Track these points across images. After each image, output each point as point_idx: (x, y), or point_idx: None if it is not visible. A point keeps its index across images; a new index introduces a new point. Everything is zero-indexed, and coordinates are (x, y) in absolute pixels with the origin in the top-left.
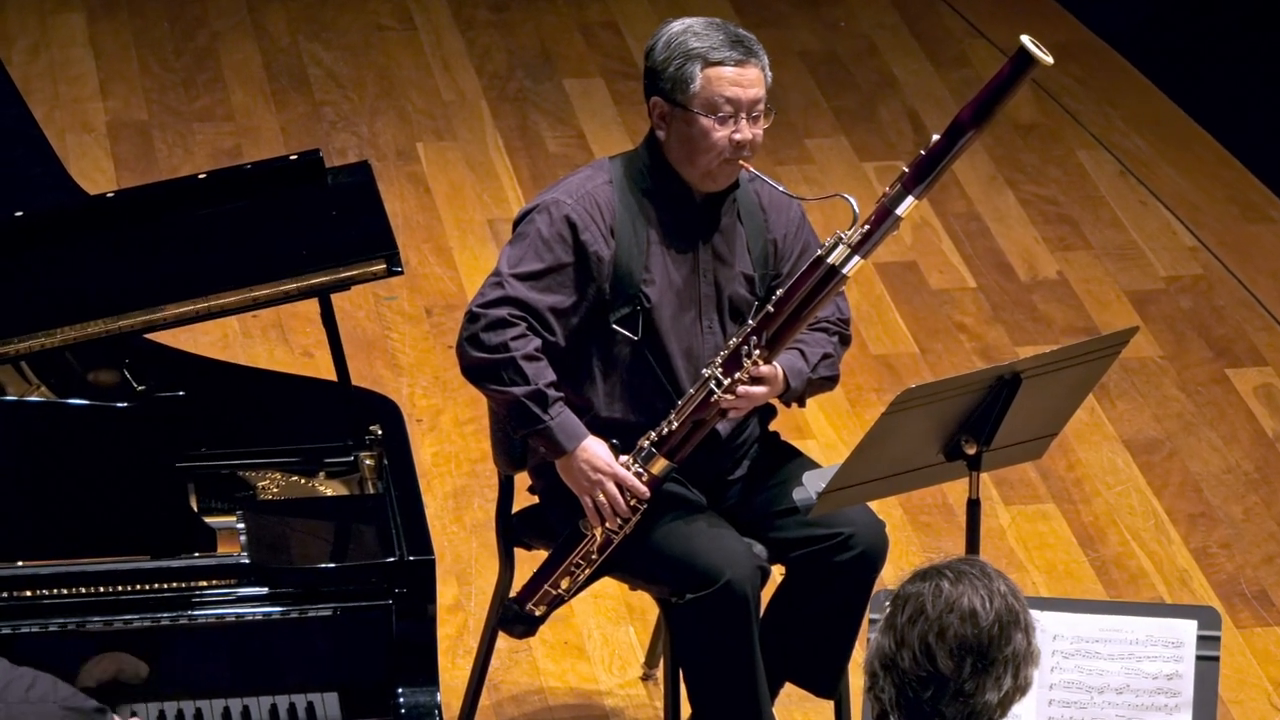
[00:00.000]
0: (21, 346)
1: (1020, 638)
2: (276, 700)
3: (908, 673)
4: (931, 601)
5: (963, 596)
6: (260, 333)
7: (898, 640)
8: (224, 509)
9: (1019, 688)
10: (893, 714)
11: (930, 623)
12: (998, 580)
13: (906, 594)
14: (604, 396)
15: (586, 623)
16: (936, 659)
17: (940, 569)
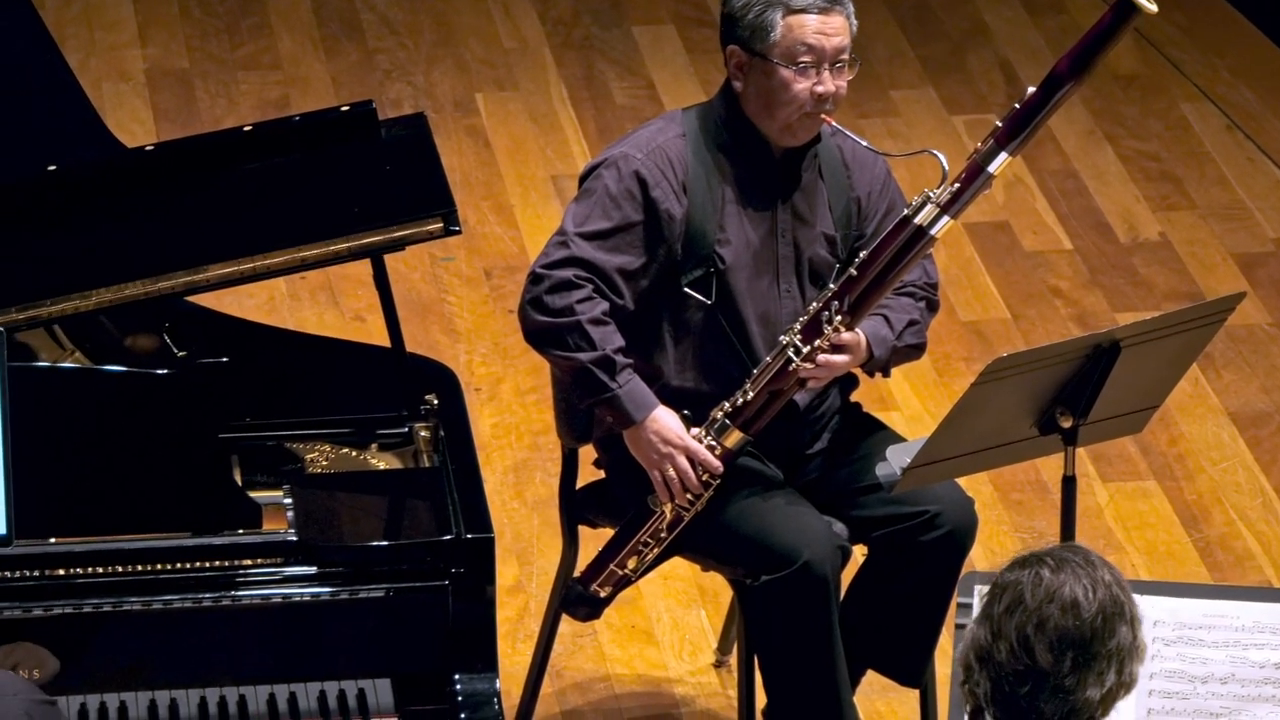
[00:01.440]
0: (54, 309)
1: (1125, 631)
2: (325, 687)
3: (1004, 666)
4: (1030, 591)
5: (1064, 586)
6: (309, 295)
7: (994, 631)
8: (270, 483)
9: (1123, 684)
10: (988, 710)
11: (1029, 614)
12: (1102, 569)
13: (1005, 582)
14: (675, 364)
15: (655, 606)
16: (1035, 652)
17: (1040, 556)
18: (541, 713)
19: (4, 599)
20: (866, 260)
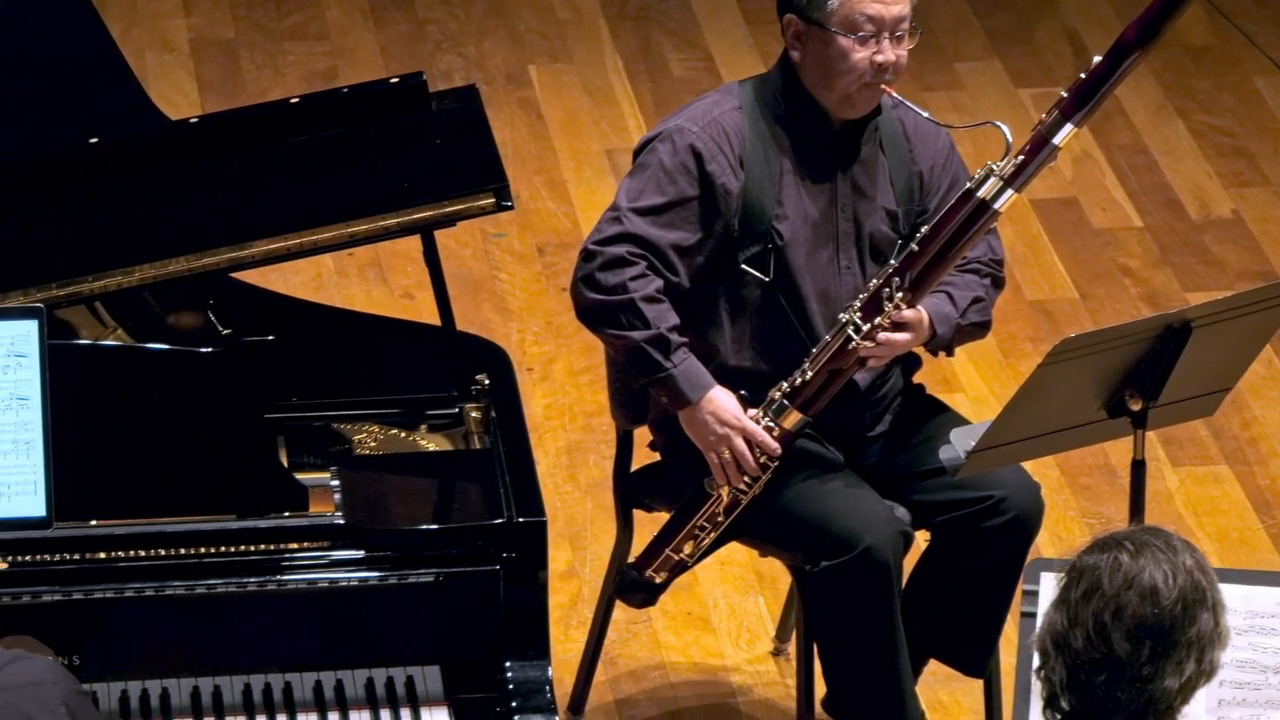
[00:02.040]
0: (96, 285)
1: (1206, 618)
2: (373, 674)
3: (1080, 653)
4: (1109, 576)
5: (1143, 571)
6: (357, 272)
7: (1070, 617)
8: (317, 464)
9: (1203, 672)
10: (1063, 697)
11: (1106, 600)
12: (1184, 553)
13: (1082, 566)
14: (732, 343)
15: (712, 592)
16: (1112, 640)
17: (1120, 539)
18: (594, 701)
19: (44, 582)
20: (928, 235)
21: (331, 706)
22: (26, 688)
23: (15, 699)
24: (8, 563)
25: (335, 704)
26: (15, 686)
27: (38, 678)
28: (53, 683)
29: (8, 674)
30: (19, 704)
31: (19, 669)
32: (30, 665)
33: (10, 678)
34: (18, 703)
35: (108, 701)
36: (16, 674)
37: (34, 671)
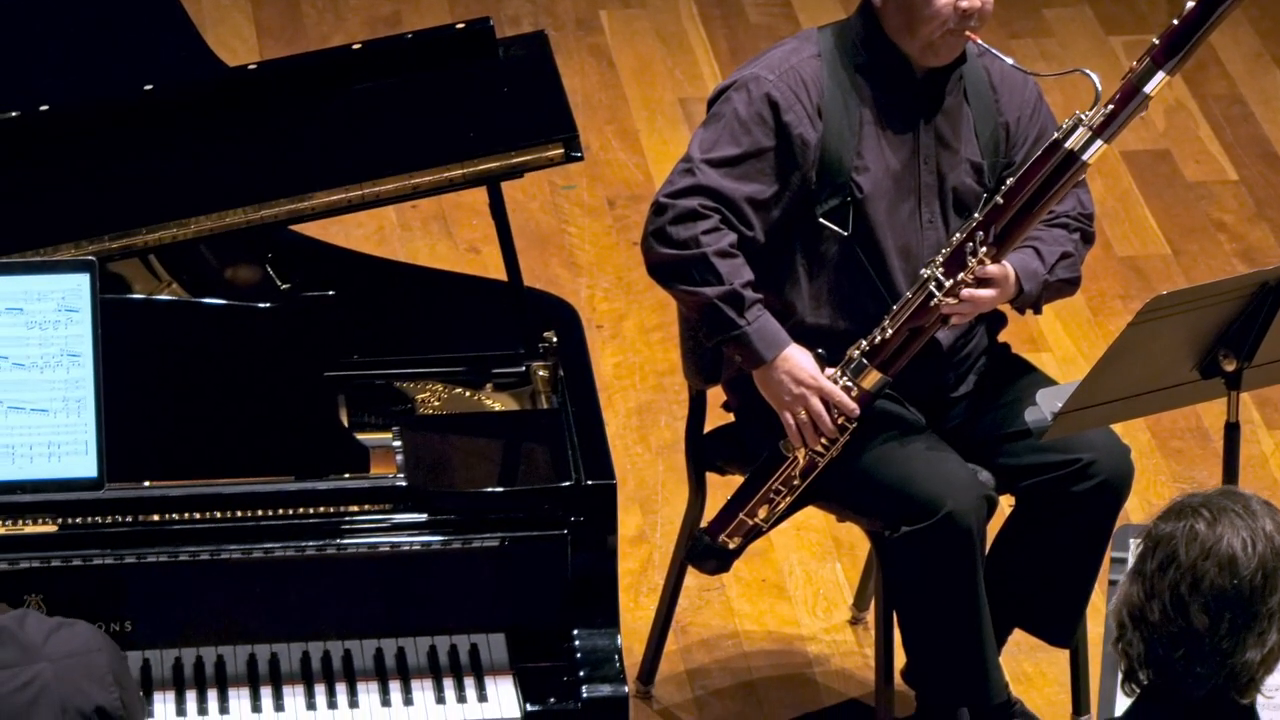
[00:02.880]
0: (151, 238)
1: None
2: (435, 642)
3: (1158, 627)
4: (1185, 546)
5: (1221, 540)
6: (421, 225)
7: (1147, 590)
8: (378, 424)
9: None
10: (1141, 671)
11: (1182, 571)
12: (1264, 518)
13: (1157, 535)
14: (809, 300)
15: (787, 558)
16: (1189, 613)
17: (1196, 506)
18: (665, 671)
19: (95, 546)
20: (1013, 187)
21: (393, 675)
22: (74, 657)
23: (64, 670)
24: (57, 525)
25: (396, 672)
26: (63, 656)
27: (84, 645)
28: (98, 650)
29: (54, 644)
30: (67, 674)
31: (64, 638)
32: (75, 633)
33: (57, 647)
34: (66, 673)
35: (161, 669)
36: (63, 643)
37: (80, 639)
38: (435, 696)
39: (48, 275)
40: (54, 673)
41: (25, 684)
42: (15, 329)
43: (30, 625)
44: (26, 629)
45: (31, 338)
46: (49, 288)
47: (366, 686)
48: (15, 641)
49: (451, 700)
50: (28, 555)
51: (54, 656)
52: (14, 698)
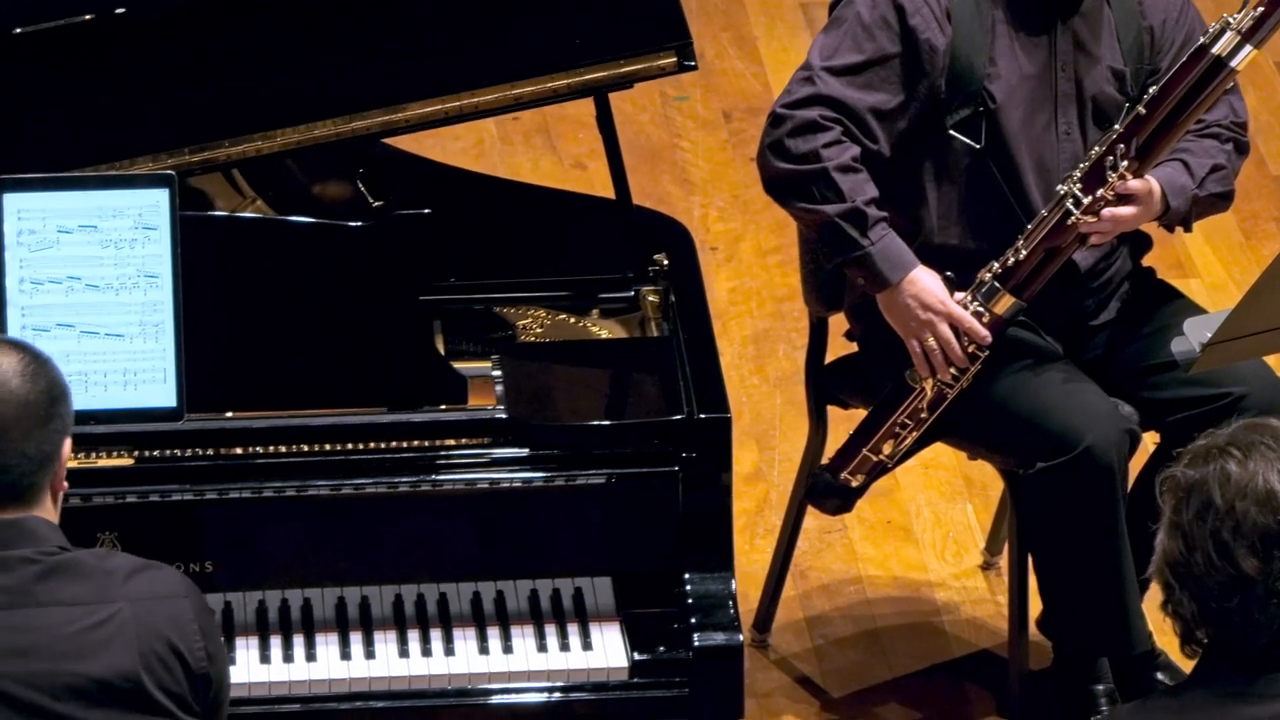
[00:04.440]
0: (234, 151)
1: None
2: (537, 585)
3: (1205, 579)
4: (1219, 488)
5: (1255, 476)
6: (523, 139)
7: (1187, 542)
8: (477, 352)
9: None
10: (1199, 630)
11: (1221, 516)
12: None
13: (1188, 482)
14: (937, 218)
15: (914, 498)
16: (1236, 558)
17: (1223, 445)
18: (783, 618)
19: (174, 480)
20: (1157, 96)
21: (491, 621)
22: (157, 600)
23: (146, 611)
24: (134, 458)
25: (495, 618)
26: (145, 598)
27: (170, 590)
28: (183, 596)
29: (136, 584)
30: (149, 617)
31: (148, 580)
32: (160, 576)
33: (139, 588)
34: (148, 616)
35: (244, 612)
36: (146, 585)
37: (165, 583)
38: (536, 644)
39: (124, 190)
40: (133, 613)
41: (101, 621)
42: (89, 248)
43: (113, 563)
44: (108, 566)
45: (106, 258)
46: (125, 204)
47: (463, 633)
48: (94, 577)
49: (554, 648)
50: (102, 490)
51: (135, 597)
52: (88, 635)
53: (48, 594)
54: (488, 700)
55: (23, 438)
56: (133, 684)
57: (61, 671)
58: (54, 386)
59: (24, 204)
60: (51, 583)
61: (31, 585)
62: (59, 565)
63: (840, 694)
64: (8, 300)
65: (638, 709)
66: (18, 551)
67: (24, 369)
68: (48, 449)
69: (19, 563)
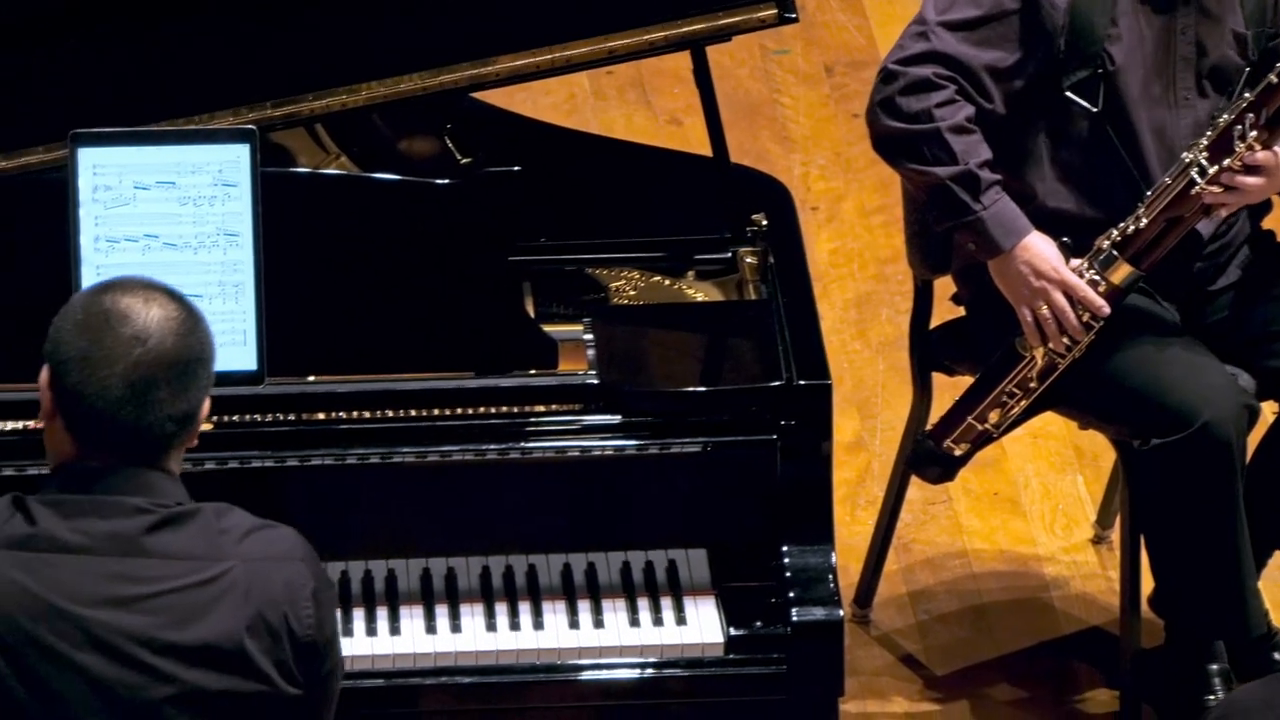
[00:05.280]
0: (317, 105)
1: None
2: (629, 556)
3: None
4: None
5: None
6: (616, 93)
7: None
8: (568, 315)
9: None
10: None
11: None
12: None
13: None
14: (1052, 183)
15: (1022, 469)
16: None
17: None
18: (884, 593)
19: (254, 446)
20: None
21: (581, 593)
22: (271, 562)
23: (258, 573)
24: (212, 423)
25: (586, 591)
26: (259, 559)
27: (285, 552)
28: (300, 559)
29: (251, 544)
30: (260, 580)
31: (264, 540)
32: (277, 536)
33: (253, 549)
34: (260, 578)
35: None
36: (261, 545)
37: (281, 545)
38: (629, 619)
39: (203, 146)
40: (244, 573)
41: (210, 579)
42: (167, 205)
43: (229, 520)
44: (224, 523)
45: (185, 215)
46: (205, 160)
47: (553, 606)
48: (208, 533)
49: (647, 623)
50: None
51: (248, 557)
52: (195, 592)
53: (157, 545)
54: (578, 676)
55: (170, 398)
56: (236, 647)
57: (164, 626)
58: (205, 346)
59: (100, 159)
60: (163, 534)
61: (141, 535)
62: (173, 517)
63: (944, 672)
64: (82, 259)
65: (733, 686)
66: (133, 500)
67: (179, 327)
68: (190, 408)
69: (132, 511)
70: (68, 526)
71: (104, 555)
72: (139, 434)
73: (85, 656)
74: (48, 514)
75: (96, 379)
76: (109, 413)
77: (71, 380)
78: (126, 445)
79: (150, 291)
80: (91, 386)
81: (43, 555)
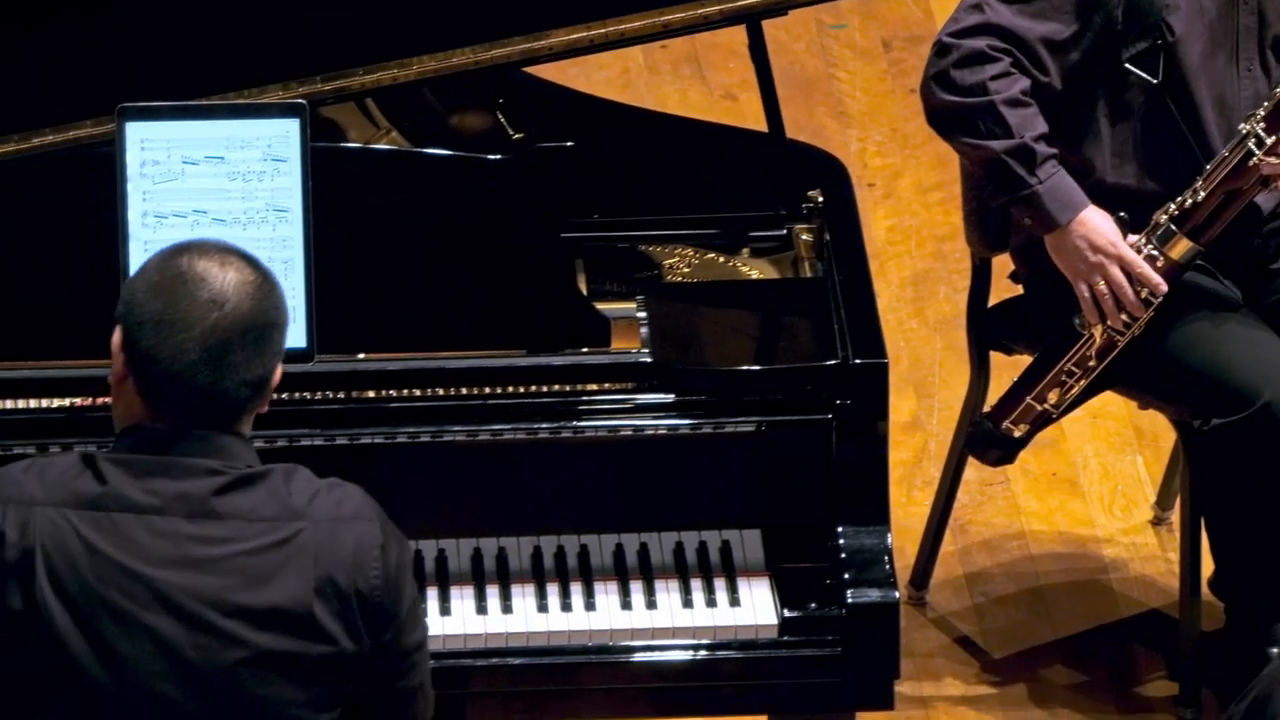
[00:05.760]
0: (368, 80)
1: None
2: (682, 537)
3: None
4: None
5: None
6: (671, 68)
7: None
8: (621, 293)
9: None
10: None
11: None
12: None
13: None
14: (1110, 156)
15: (1081, 449)
16: None
17: None
18: (941, 575)
19: (304, 425)
20: None
21: (634, 574)
22: (341, 523)
23: (327, 534)
24: None
25: (638, 571)
26: (327, 519)
27: (353, 512)
28: (369, 520)
29: (320, 505)
30: (329, 540)
31: (333, 500)
32: (346, 495)
33: (322, 509)
34: (328, 539)
35: None
36: (330, 505)
37: (350, 504)
38: (681, 599)
39: (252, 120)
40: (313, 535)
41: (278, 542)
42: (216, 180)
43: (298, 481)
44: (293, 484)
45: (234, 190)
46: (254, 134)
47: (604, 587)
48: (278, 495)
49: (700, 604)
50: None
51: (317, 518)
52: (264, 556)
53: (228, 507)
54: (629, 658)
55: (246, 362)
56: (304, 610)
57: (233, 588)
58: (280, 310)
59: (147, 134)
60: (233, 496)
61: (211, 496)
62: (243, 479)
63: (1001, 654)
64: (130, 234)
65: (787, 668)
66: (204, 461)
67: (255, 291)
68: (265, 373)
69: (204, 473)
70: (139, 486)
71: (174, 516)
72: (213, 398)
73: (154, 618)
74: (118, 473)
75: (173, 342)
76: (184, 376)
77: (146, 343)
78: (201, 409)
79: (226, 254)
80: (167, 350)
81: (112, 515)
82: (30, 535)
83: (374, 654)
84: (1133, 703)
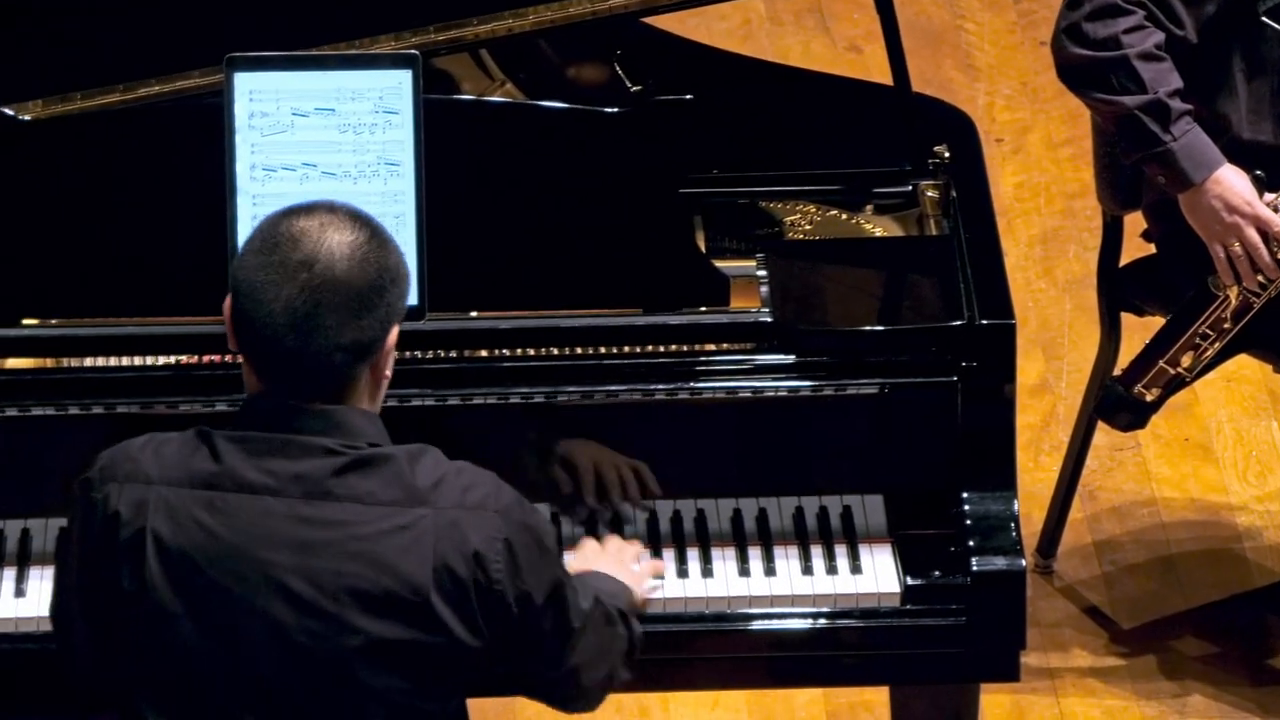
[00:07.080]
0: (482, 30)
1: None
2: (802, 502)
3: None
4: None
5: None
6: (793, 19)
7: None
8: (740, 250)
9: None
10: None
11: None
12: None
13: None
14: (1247, 112)
15: (1215, 414)
16: None
17: None
18: (1069, 542)
19: (415, 384)
20: None
21: (752, 540)
22: (465, 511)
23: (450, 522)
24: None
25: (757, 537)
26: (451, 507)
27: (480, 500)
28: (495, 511)
29: (445, 492)
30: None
31: (458, 486)
32: (474, 482)
33: (447, 496)
34: (451, 528)
35: None
36: (455, 492)
37: (478, 491)
38: (801, 566)
39: (363, 71)
40: (434, 523)
41: (400, 527)
42: (326, 133)
43: (423, 465)
44: (419, 467)
45: (344, 143)
46: (365, 86)
47: (722, 553)
48: (401, 478)
49: (820, 571)
50: None
51: (441, 505)
52: (383, 540)
53: (346, 489)
54: (748, 626)
55: (338, 327)
56: (420, 599)
57: (347, 573)
58: (385, 272)
59: (256, 84)
60: (351, 478)
61: (329, 478)
62: (363, 460)
63: (1131, 624)
64: (238, 187)
65: (910, 638)
66: (321, 440)
67: (353, 252)
68: (366, 339)
69: (321, 453)
70: (254, 465)
71: (290, 497)
72: (303, 363)
73: (263, 600)
74: (233, 451)
75: (263, 304)
76: (274, 339)
77: (242, 305)
78: (294, 376)
79: (331, 215)
80: (259, 312)
81: (227, 495)
82: (144, 515)
83: (503, 645)
84: (1267, 675)
